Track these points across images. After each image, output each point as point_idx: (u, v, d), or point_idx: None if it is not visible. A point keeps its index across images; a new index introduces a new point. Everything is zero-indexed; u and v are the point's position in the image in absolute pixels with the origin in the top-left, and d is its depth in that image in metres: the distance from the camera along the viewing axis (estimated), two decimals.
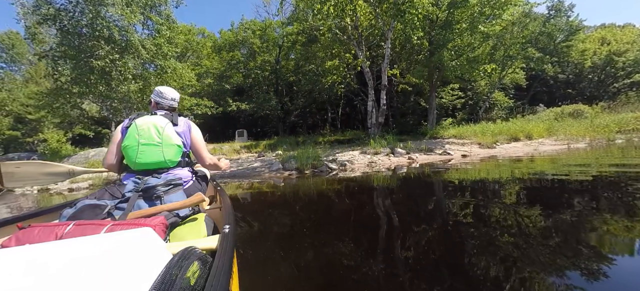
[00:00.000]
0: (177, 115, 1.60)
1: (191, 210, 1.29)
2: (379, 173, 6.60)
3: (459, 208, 3.27)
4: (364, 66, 11.61)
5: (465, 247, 2.09)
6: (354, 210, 3.68)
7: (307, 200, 4.32)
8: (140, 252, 0.69)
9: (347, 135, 15.74)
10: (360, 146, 11.37)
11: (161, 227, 0.95)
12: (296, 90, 25.10)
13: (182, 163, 1.53)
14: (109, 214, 1.14)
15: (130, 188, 1.31)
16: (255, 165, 9.02)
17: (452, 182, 4.98)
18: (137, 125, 1.42)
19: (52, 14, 9.73)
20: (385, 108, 11.74)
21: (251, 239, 2.69)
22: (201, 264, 0.70)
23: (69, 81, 11.65)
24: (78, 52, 10.45)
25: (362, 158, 8.82)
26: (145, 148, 1.39)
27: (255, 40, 23.59)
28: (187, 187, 1.46)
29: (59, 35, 10.40)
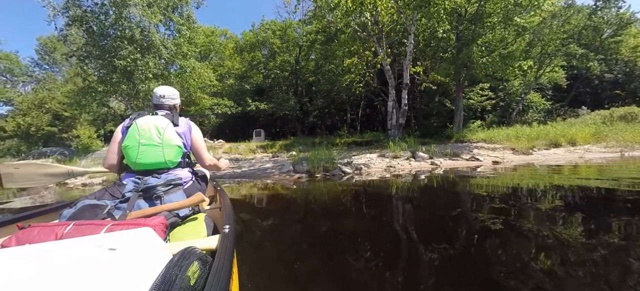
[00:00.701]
0: (178, 115, 1.59)
1: (191, 210, 1.28)
2: (398, 179, 5.99)
3: (487, 222, 2.74)
4: (385, 64, 10.91)
5: (492, 271, 1.79)
6: (364, 217, 3.25)
7: (313, 204, 3.89)
8: (140, 252, 0.69)
9: (366, 137, 15.09)
10: (379, 149, 10.72)
11: (161, 227, 0.95)
12: (315, 91, 24.79)
13: (182, 163, 1.52)
14: (108, 214, 1.13)
15: (130, 188, 1.30)
16: (267, 165, 8.72)
17: (481, 191, 4.28)
18: (138, 125, 1.41)
19: (79, 16, 10.12)
20: (406, 108, 10.97)
21: (251, 240, 2.60)
22: (201, 264, 0.70)
23: (95, 80, 12.12)
24: (103, 52, 10.81)
25: (380, 162, 8.20)
26: (146, 149, 1.38)
27: (275, 41, 23.59)
28: (187, 187, 1.45)
29: (85, 36, 10.81)
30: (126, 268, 0.61)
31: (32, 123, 20.39)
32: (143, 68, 11.24)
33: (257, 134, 20.30)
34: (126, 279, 0.57)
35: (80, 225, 0.91)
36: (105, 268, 0.59)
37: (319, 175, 6.58)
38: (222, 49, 26.79)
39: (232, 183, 6.41)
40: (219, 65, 27.01)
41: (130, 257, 0.65)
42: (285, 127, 29.41)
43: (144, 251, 0.70)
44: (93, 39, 10.71)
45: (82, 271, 0.57)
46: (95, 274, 0.57)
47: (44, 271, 0.56)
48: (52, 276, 0.55)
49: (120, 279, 0.57)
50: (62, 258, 0.61)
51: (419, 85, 15.81)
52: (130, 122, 1.47)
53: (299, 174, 6.79)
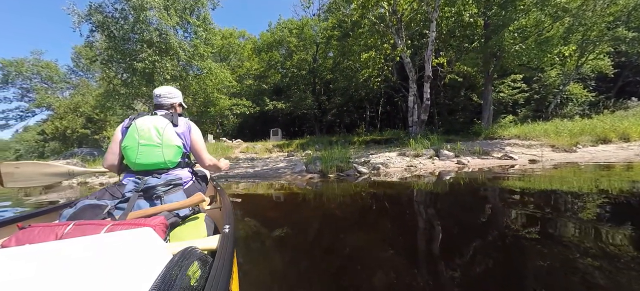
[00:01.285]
0: (178, 115, 1.58)
1: (191, 210, 1.28)
2: (420, 180, 5.42)
3: (523, 232, 2.29)
4: (404, 56, 10.20)
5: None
6: (378, 222, 2.82)
7: (322, 207, 3.50)
8: (140, 252, 0.68)
9: (385, 135, 14.41)
10: (399, 147, 10.07)
11: (161, 227, 0.94)
12: (333, 89, 24.31)
13: (181, 163, 1.52)
14: (109, 214, 1.13)
15: (130, 188, 1.31)
16: (280, 165, 8.43)
17: (516, 194, 3.65)
18: (137, 125, 1.41)
19: (100, 21, 10.46)
20: (428, 103, 10.18)
21: (252, 240, 2.51)
22: (201, 264, 0.70)
23: (119, 83, 12.53)
24: (124, 56, 11.12)
25: (400, 161, 7.60)
26: (145, 149, 1.37)
27: (291, 39, 23.42)
28: (187, 187, 1.45)
29: (106, 41, 11.18)
30: (126, 268, 0.61)
31: (68, 126, 21.84)
32: (161, 70, 11.43)
33: (274, 133, 20.24)
34: (126, 279, 0.57)
35: (80, 225, 0.90)
36: (105, 268, 0.59)
37: (332, 175, 6.15)
38: (241, 50, 27.12)
39: (243, 182, 6.17)
40: (238, 66, 27.40)
41: (131, 257, 0.66)
42: (303, 126, 29.27)
43: (144, 251, 0.70)
44: (114, 44, 11.05)
45: (82, 272, 0.57)
46: (96, 274, 0.57)
47: (44, 271, 0.56)
48: (52, 276, 0.55)
49: (121, 279, 0.57)
50: (62, 258, 0.61)
51: (443, 78, 14.80)
52: (129, 122, 1.46)
53: (311, 174, 6.40)
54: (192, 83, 13.72)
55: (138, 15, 10.25)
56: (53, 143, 25.55)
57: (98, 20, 10.46)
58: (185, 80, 13.11)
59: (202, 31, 12.96)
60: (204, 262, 0.72)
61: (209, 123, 24.14)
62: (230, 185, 6.00)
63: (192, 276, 0.63)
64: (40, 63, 28.12)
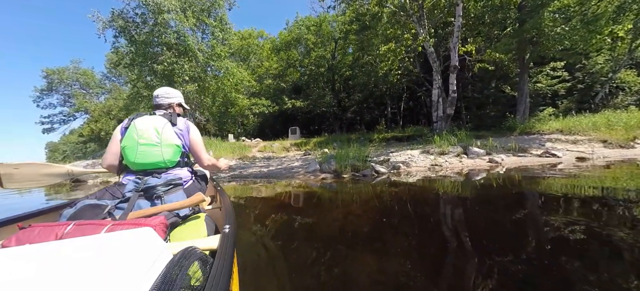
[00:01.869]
0: (176, 114, 1.58)
1: (191, 210, 1.27)
2: (445, 180, 4.83)
3: (575, 247, 1.76)
4: (427, 45, 9.41)
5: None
6: (392, 225, 2.46)
7: (330, 209, 3.14)
8: (140, 252, 0.68)
9: (407, 132, 13.63)
10: (422, 144, 9.36)
11: (161, 227, 0.94)
12: (352, 85, 23.70)
13: (181, 163, 1.51)
14: (109, 214, 1.12)
15: (130, 188, 1.31)
16: (294, 164, 8.12)
17: (563, 198, 3.00)
18: (136, 125, 1.41)
19: (122, 26, 10.81)
20: (455, 96, 9.33)
21: (253, 241, 2.43)
22: (201, 264, 0.70)
23: (142, 86, 12.94)
24: (145, 59, 11.43)
25: (423, 159, 6.97)
26: (144, 149, 1.38)
27: (309, 36, 23.09)
28: (187, 186, 1.44)
29: (128, 45, 11.56)
30: (126, 268, 0.60)
31: (102, 128, 23.32)
32: (180, 71, 11.60)
33: (292, 132, 20.09)
34: (126, 279, 0.57)
35: (80, 225, 0.90)
36: (105, 268, 0.59)
37: (346, 175, 5.70)
38: (260, 50, 27.31)
39: (253, 182, 5.93)
40: (258, 66, 27.64)
41: (131, 257, 0.65)
42: (323, 124, 28.92)
43: (144, 251, 0.69)
44: (136, 47, 11.38)
45: (82, 271, 0.57)
46: (96, 274, 0.57)
47: (44, 271, 0.56)
48: (52, 276, 0.55)
49: (121, 279, 0.56)
50: (63, 258, 0.61)
51: (471, 68, 13.65)
52: (128, 123, 1.45)
53: (324, 174, 6.00)
54: (211, 84, 13.85)
55: (156, 18, 10.46)
56: (91, 144, 27.51)
57: (120, 26, 10.82)
58: (203, 80, 13.25)
59: (218, 32, 13.01)
60: (205, 262, 0.73)
61: (231, 123, 24.60)
62: (237, 186, 5.78)
63: (193, 276, 0.63)
64: (79, 71, 30.45)
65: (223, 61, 13.41)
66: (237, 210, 3.68)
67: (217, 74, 13.82)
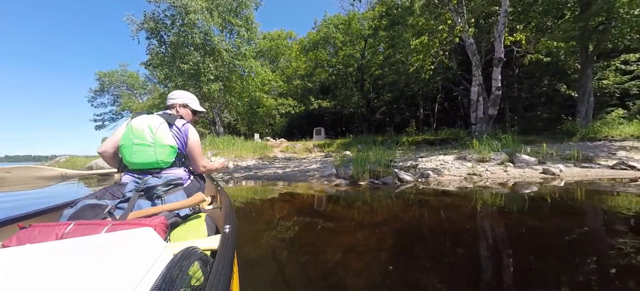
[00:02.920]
0: (178, 116, 1.56)
1: (191, 210, 1.27)
2: (485, 192, 3.93)
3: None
4: (466, 36, 8.25)
5: None
6: (405, 243, 1.96)
7: (335, 217, 2.55)
8: (140, 252, 0.68)
9: (441, 135, 12.38)
10: (458, 149, 8.26)
11: (161, 227, 0.93)
12: (381, 84, 22.58)
13: (177, 163, 1.49)
14: (109, 214, 1.12)
15: (130, 188, 1.30)
16: (312, 167, 7.56)
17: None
18: (132, 125, 1.41)
19: (152, 28, 11.19)
20: (499, 94, 8.03)
21: (253, 242, 2.29)
22: (202, 264, 0.70)
23: (173, 86, 13.35)
24: (173, 59, 11.73)
25: (458, 167, 5.99)
26: (138, 148, 1.37)
27: (337, 35, 22.46)
28: (187, 186, 1.44)
29: (157, 45, 11.96)
30: (127, 268, 0.60)
31: None
32: (205, 71, 11.72)
33: (317, 133, 19.61)
34: (127, 279, 0.56)
35: (80, 225, 0.90)
36: (106, 268, 0.59)
37: (363, 182, 4.98)
38: (288, 51, 27.34)
39: (266, 183, 5.48)
40: (287, 67, 27.72)
41: (131, 257, 0.65)
42: (351, 125, 28.07)
43: (144, 251, 0.69)
44: (165, 48, 11.73)
45: (82, 271, 0.57)
46: (96, 274, 0.56)
47: (44, 271, 0.56)
48: (52, 276, 0.55)
49: (121, 279, 0.56)
50: (63, 258, 0.61)
51: (519, 62, 11.95)
52: (129, 121, 1.45)
53: (339, 179, 5.34)
54: (236, 84, 13.89)
55: (182, 18, 10.64)
56: None
57: (150, 27, 11.22)
58: (229, 80, 13.31)
59: (244, 31, 12.98)
60: (205, 262, 0.72)
61: (259, 123, 24.90)
62: (244, 187, 5.36)
63: (193, 276, 0.63)
64: (126, 73, 33.28)
65: (248, 60, 13.35)
66: (239, 211, 3.37)
67: (242, 74, 13.81)
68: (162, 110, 1.62)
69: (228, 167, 9.30)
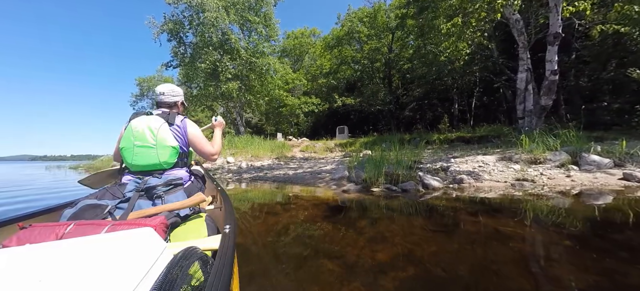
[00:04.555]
0: (175, 114, 1.49)
1: (191, 210, 1.26)
2: (540, 203, 2.91)
3: None
4: (510, 11, 6.81)
5: None
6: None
7: (331, 230, 1.92)
8: (140, 252, 0.68)
9: (479, 132, 10.85)
10: (501, 147, 6.93)
11: (162, 227, 0.93)
12: (410, 79, 21.05)
13: (179, 163, 1.47)
14: (109, 214, 1.12)
15: (130, 188, 1.29)
16: (325, 168, 6.80)
17: None
18: (132, 126, 1.38)
19: (171, 29, 11.23)
20: (555, 79, 6.48)
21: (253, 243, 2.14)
22: (202, 264, 0.69)
23: (195, 86, 13.43)
24: (192, 59, 11.71)
25: (502, 169, 4.83)
26: (140, 150, 1.35)
27: (362, 29, 21.33)
28: (187, 186, 1.41)
29: (175, 47, 12.01)
30: (127, 268, 0.60)
31: None
32: (222, 69, 11.52)
33: (340, 131, 18.75)
34: (127, 279, 0.56)
35: (80, 225, 0.90)
36: (106, 268, 0.59)
37: (377, 188, 4.07)
38: (312, 49, 26.79)
39: (265, 186, 4.85)
40: (311, 65, 27.21)
41: (131, 257, 0.65)
42: (378, 124, 26.68)
43: (144, 251, 0.68)
44: (184, 48, 11.75)
45: (82, 271, 0.57)
46: (96, 274, 0.56)
47: (44, 271, 0.56)
48: (52, 276, 0.55)
49: (121, 279, 0.56)
50: (63, 258, 0.61)
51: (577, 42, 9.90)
52: (128, 123, 1.43)
53: (349, 184, 4.49)
54: (255, 83, 13.59)
55: (198, 17, 10.52)
56: None
57: (169, 28, 11.28)
58: (248, 78, 13.04)
59: (261, 28, 12.60)
60: (205, 262, 0.71)
61: (284, 123, 24.71)
62: (237, 190, 4.75)
63: (193, 276, 0.63)
64: (162, 78, 35.33)
65: (266, 58, 12.96)
66: (239, 213, 3.10)
67: (261, 71, 13.46)
68: (157, 107, 1.56)
69: (241, 166, 8.91)
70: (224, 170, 8.35)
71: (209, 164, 9.49)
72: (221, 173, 7.86)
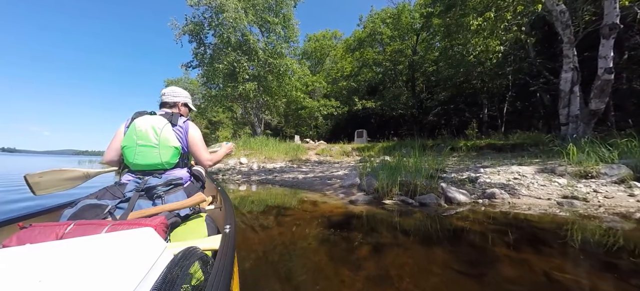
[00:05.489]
0: (178, 115, 1.52)
1: (192, 210, 1.26)
2: (591, 225, 2.26)
3: None
4: (552, 2, 5.92)
5: None
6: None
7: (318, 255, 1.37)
8: (141, 252, 0.68)
9: (512, 139, 9.81)
10: (540, 158, 6.07)
11: (162, 227, 0.93)
12: (435, 82, 19.96)
13: (180, 164, 1.47)
14: (109, 214, 1.12)
15: (131, 188, 1.28)
16: (337, 173, 6.32)
17: None
18: (136, 125, 1.38)
19: (191, 30, 11.36)
20: (610, 78, 5.50)
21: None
22: (202, 264, 0.70)
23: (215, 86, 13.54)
24: (211, 60, 11.77)
25: (543, 183, 4.09)
26: (143, 150, 1.34)
27: (384, 30, 20.63)
28: (187, 186, 1.40)
29: (196, 48, 12.14)
30: (127, 268, 0.59)
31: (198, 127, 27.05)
32: (240, 70, 11.47)
33: (358, 135, 18.14)
34: (127, 279, 0.56)
35: (81, 225, 0.89)
36: (106, 268, 0.58)
37: (390, 200, 3.52)
38: (334, 51, 26.44)
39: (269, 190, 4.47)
40: (332, 68, 26.87)
41: (131, 257, 0.64)
42: (400, 129, 25.64)
43: (144, 251, 0.68)
44: (204, 49, 11.85)
45: (82, 271, 0.56)
46: (96, 274, 0.56)
47: (44, 271, 0.56)
48: (53, 276, 0.55)
49: (122, 279, 0.55)
50: (63, 258, 0.61)
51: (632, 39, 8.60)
52: (130, 122, 1.42)
53: (359, 193, 3.97)
54: (273, 84, 13.44)
55: (217, 18, 10.53)
56: None
57: (190, 30, 11.43)
58: (265, 79, 12.91)
59: (280, 29, 12.43)
60: (205, 262, 0.71)
61: (304, 126, 24.52)
62: (237, 193, 4.40)
63: (193, 276, 0.63)
64: (189, 80, 36.80)
65: (284, 59, 12.76)
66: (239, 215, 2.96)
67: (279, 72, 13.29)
68: (160, 107, 1.59)
69: (252, 167, 8.67)
70: (235, 171, 8.15)
71: (217, 165, 9.36)
72: (230, 175, 7.65)
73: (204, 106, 15.63)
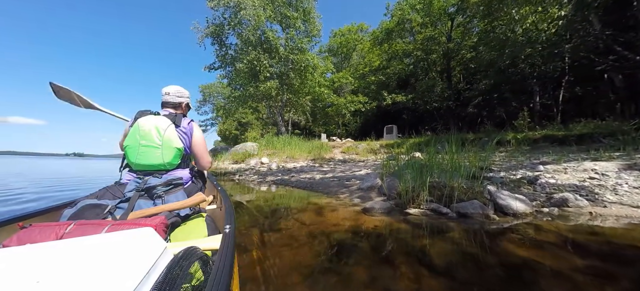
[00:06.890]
0: (182, 115, 1.52)
1: (192, 210, 1.26)
2: None
3: None
4: None
5: None
6: None
7: None
8: (141, 252, 0.67)
9: (577, 129, 8.18)
10: (623, 151, 4.76)
11: (162, 227, 0.92)
12: (474, 69, 18.01)
13: (182, 164, 1.46)
14: (109, 214, 1.10)
15: (131, 188, 1.27)
16: (359, 173, 5.57)
17: None
18: (139, 125, 1.37)
19: (212, 32, 11.35)
20: None
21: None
22: (202, 264, 0.69)
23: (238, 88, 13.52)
24: (232, 60, 11.68)
25: (636, 184, 2.98)
26: (145, 150, 1.34)
27: (414, 17, 19.11)
28: (188, 186, 1.41)
29: (217, 49, 12.12)
30: (127, 268, 0.59)
31: (227, 129, 27.77)
32: (260, 68, 11.21)
33: (387, 131, 17.01)
34: (127, 279, 0.56)
35: (81, 224, 0.88)
36: (106, 268, 0.58)
37: (415, 209, 2.69)
38: (360, 45, 25.38)
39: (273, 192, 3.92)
40: (359, 63, 25.84)
41: (131, 257, 0.64)
42: (435, 123, 23.72)
43: (145, 251, 0.67)
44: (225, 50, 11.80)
45: (82, 271, 0.56)
46: (96, 274, 0.56)
47: (44, 271, 0.56)
48: (53, 276, 0.55)
49: (122, 279, 0.55)
50: (63, 258, 0.61)
51: None
52: (133, 121, 1.42)
53: (378, 198, 3.20)
54: (295, 81, 13.02)
55: (236, 17, 10.36)
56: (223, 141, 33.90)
57: (211, 32, 11.43)
58: (286, 74, 12.53)
59: (300, 23, 11.93)
60: (205, 262, 0.71)
61: (332, 124, 23.91)
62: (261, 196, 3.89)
63: (193, 276, 0.62)
64: (221, 85, 38.28)
65: (306, 54, 12.24)
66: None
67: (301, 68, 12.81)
68: (162, 107, 1.57)
69: (271, 167, 8.27)
70: (253, 172, 7.80)
71: (238, 165, 9.12)
72: (247, 175, 7.31)
73: (228, 107, 15.77)
